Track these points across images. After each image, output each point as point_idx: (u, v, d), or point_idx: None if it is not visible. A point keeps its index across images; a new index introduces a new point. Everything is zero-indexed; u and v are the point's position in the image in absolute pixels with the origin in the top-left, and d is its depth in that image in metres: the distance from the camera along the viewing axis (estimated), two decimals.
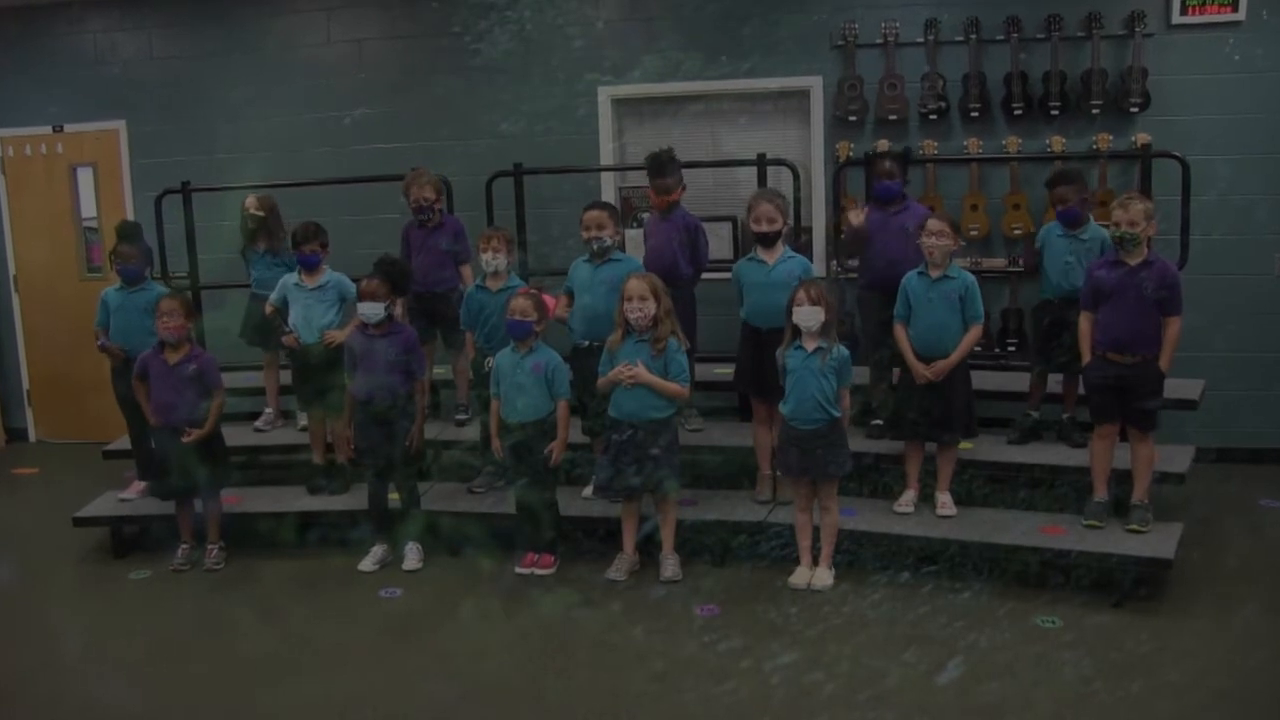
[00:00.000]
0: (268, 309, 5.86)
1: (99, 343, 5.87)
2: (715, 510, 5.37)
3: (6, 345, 8.20)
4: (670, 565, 5.07)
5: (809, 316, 4.72)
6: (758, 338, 5.23)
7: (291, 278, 5.79)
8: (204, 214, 6.95)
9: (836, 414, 4.79)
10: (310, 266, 5.72)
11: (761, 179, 6.18)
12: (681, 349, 4.96)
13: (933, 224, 5.02)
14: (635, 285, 4.92)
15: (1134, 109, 6.33)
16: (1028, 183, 6.42)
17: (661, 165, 5.56)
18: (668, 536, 5.11)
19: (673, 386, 4.94)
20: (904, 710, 3.90)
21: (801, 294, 4.74)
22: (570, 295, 5.46)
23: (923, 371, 5.04)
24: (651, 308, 4.90)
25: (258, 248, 6.23)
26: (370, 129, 7.36)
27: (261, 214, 6.18)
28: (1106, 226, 4.95)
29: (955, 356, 5.01)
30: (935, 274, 5.04)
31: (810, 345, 4.76)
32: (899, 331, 5.13)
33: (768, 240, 5.21)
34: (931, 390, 5.03)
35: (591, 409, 5.29)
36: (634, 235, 6.24)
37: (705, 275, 5.74)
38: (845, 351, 4.81)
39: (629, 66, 7.02)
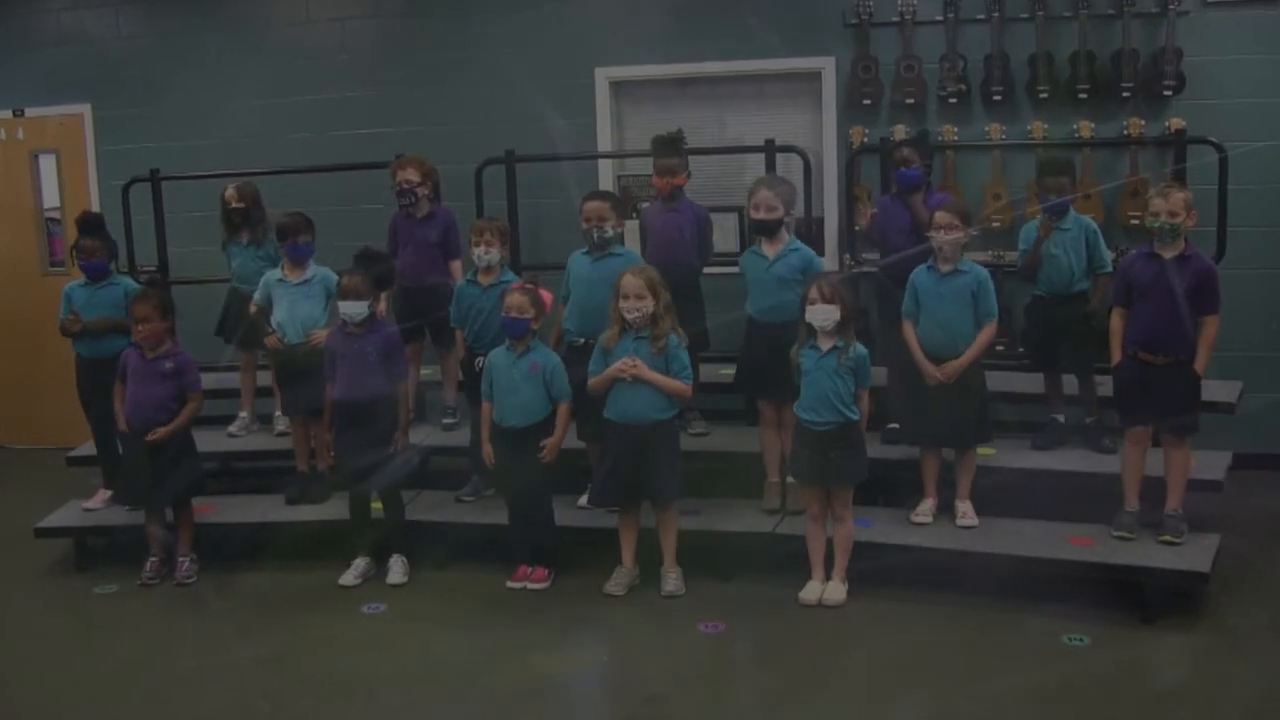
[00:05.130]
0: (252, 308, 5.87)
1: (63, 322, 5.83)
2: (720, 520, 5.37)
3: None
4: (672, 579, 5.08)
5: (823, 315, 4.73)
6: (762, 334, 5.23)
7: (274, 274, 5.79)
8: (174, 204, 6.95)
9: (853, 416, 4.80)
10: (301, 258, 5.72)
11: (770, 166, 6.19)
12: (683, 345, 4.98)
13: (941, 217, 5.03)
14: (631, 282, 4.91)
15: (1167, 92, 6.33)
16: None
17: (666, 146, 5.58)
18: (669, 549, 5.11)
19: (676, 384, 4.95)
20: None
21: (815, 292, 4.74)
22: (567, 299, 5.48)
23: (933, 372, 5.05)
24: (650, 305, 4.90)
25: (241, 239, 6.23)
26: (353, 113, 7.36)
27: (243, 205, 6.18)
28: (1145, 218, 4.95)
29: (967, 357, 5.02)
30: (945, 268, 5.06)
31: (825, 345, 4.78)
32: (907, 330, 5.14)
33: (767, 229, 5.21)
34: (943, 392, 5.04)
35: (591, 411, 5.28)
36: (630, 226, 6.24)
37: (707, 270, 5.76)
38: (863, 350, 4.82)
39: (629, 47, 7.03)
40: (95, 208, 7.36)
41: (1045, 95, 6.47)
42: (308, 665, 4.62)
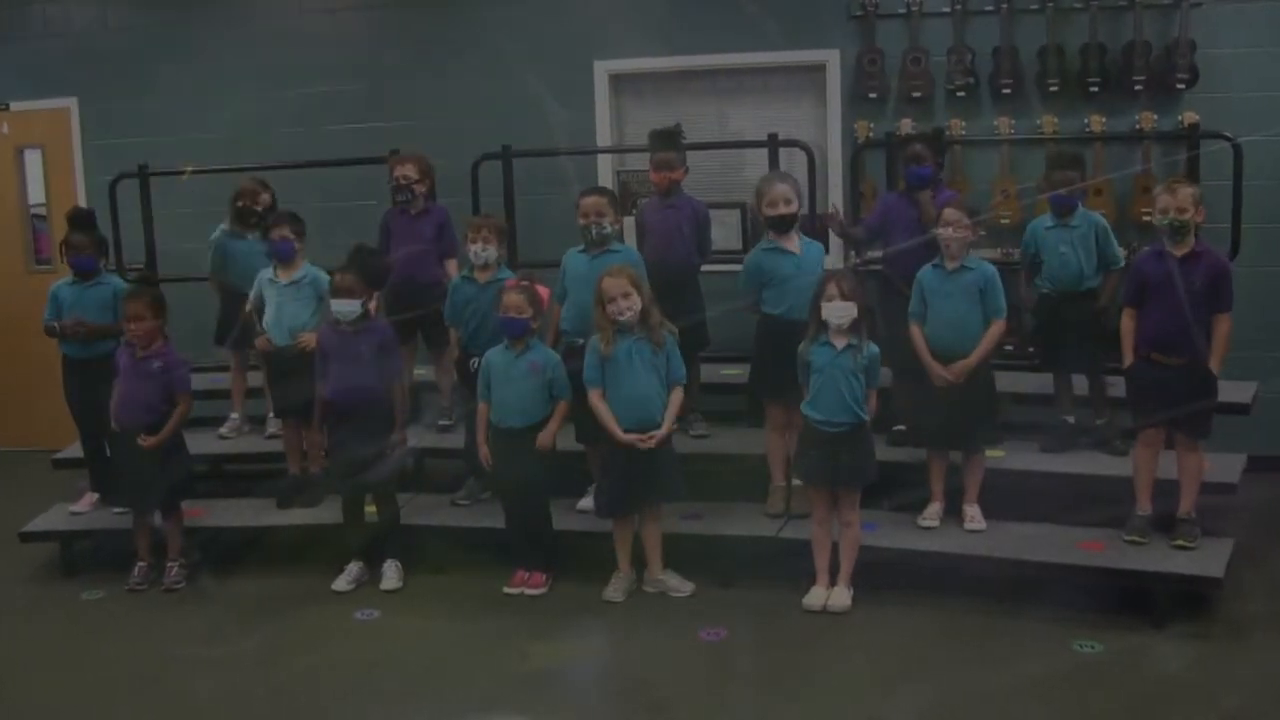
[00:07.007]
0: (248, 307, 5.87)
1: (53, 324, 5.80)
2: (722, 524, 5.37)
3: None
4: (675, 579, 5.11)
5: (841, 312, 4.73)
6: (790, 332, 5.12)
7: (266, 273, 5.79)
8: (163, 200, 6.95)
9: (865, 417, 4.81)
10: (283, 256, 5.72)
11: (773, 161, 6.19)
12: (676, 341, 5.01)
13: (949, 213, 5.04)
14: (614, 284, 4.90)
15: (1180, 85, 6.33)
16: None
17: (664, 140, 5.58)
18: (660, 551, 5.12)
19: (680, 404, 5.03)
20: None
21: (833, 287, 4.74)
22: (563, 299, 5.48)
23: (941, 373, 5.05)
24: (637, 302, 4.91)
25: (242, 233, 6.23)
26: (346, 107, 7.36)
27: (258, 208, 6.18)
28: (1150, 214, 4.96)
29: (975, 356, 5.02)
30: (952, 266, 5.06)
31: (840, 342, 4.77)
32: (914, 331, 5.14)
33: (785, 224, 5.21)
34: (951, 393, 5.04)
35: (589, 412, 5.27)
36: (628, 222, 6.24)
37: (708, 267, 5.76)
38: (875, 350, 4.83)
39: (629, 39, 7.03)
40: (82, 204, 7.36)
41: (1055, 89, 6.47)
42: (298, 672, 4.62)
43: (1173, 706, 4.09)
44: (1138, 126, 6.36)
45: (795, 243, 5.25)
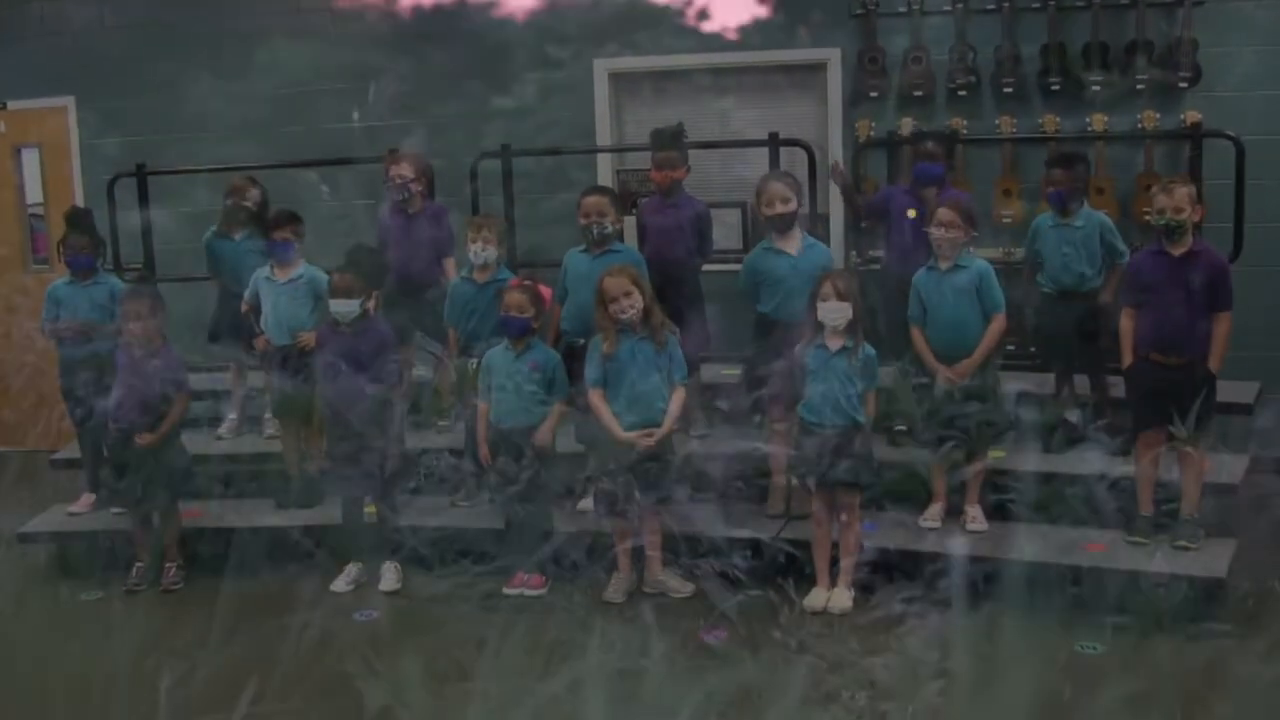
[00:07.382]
0: (244, 307, 5.88)
1: (48, 328, 5.84)
2: (723, 525, 5.37)
3: None
4: (675, 579, 5.12)
5: (836, 313, 4.74)
6: (781, 332, 5.18)
7: (263, 271, 5.81)
8: (161, 199, 6.96)
9: (861, 420, 4.82)
10: (283, 257, 5.73)
11: (774, 160, 6.20)
12: (677, 340, 5.01)
13: (941, 213, 5.04)
14: (615, 283, 4.93)
15: (1183, 84, 6.35)
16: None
17: (666, 139, 5.60)
18: (659, 550, 5.13)
19: (681, 403, 5.02)
20: None
21: (828, 287, 4.76)
22: (563, 299, 5.49)
23: (946, 374, 5.06)
24: (639, 301, 4.92)
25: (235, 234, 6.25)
26: (346, 108, 7.37)
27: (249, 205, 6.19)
28: (1149, 214, 4.97)
29: (978, 354, 5.03)
30: (945, 265, 5.07)
31: (835, 344, 4.78)
32: (915, 334, 5.15)
33: (784, 224, 5.22)
34: (953, 393, 5.04)
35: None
36: (628, 222, 6.25)
37: (709, 267, 5.77)
38: (872, 351, 4.84)
39: (629, 38, 7.04)
40: (80, 203, 7.37)
41: (1057, 87, 6.48)
42: (296, 674, 4.62)
43: (1173, 707, 4.09)
44: (1140, 125, 6.37)
45: (795, 243, 5.25)
